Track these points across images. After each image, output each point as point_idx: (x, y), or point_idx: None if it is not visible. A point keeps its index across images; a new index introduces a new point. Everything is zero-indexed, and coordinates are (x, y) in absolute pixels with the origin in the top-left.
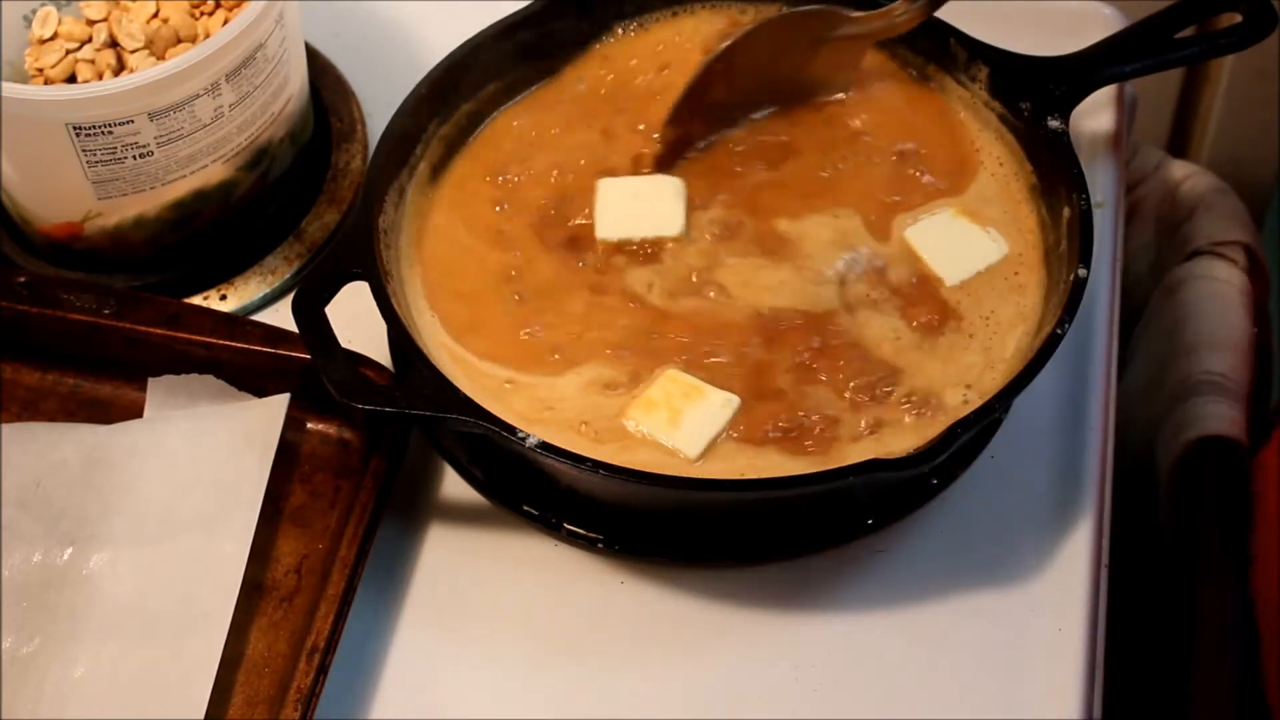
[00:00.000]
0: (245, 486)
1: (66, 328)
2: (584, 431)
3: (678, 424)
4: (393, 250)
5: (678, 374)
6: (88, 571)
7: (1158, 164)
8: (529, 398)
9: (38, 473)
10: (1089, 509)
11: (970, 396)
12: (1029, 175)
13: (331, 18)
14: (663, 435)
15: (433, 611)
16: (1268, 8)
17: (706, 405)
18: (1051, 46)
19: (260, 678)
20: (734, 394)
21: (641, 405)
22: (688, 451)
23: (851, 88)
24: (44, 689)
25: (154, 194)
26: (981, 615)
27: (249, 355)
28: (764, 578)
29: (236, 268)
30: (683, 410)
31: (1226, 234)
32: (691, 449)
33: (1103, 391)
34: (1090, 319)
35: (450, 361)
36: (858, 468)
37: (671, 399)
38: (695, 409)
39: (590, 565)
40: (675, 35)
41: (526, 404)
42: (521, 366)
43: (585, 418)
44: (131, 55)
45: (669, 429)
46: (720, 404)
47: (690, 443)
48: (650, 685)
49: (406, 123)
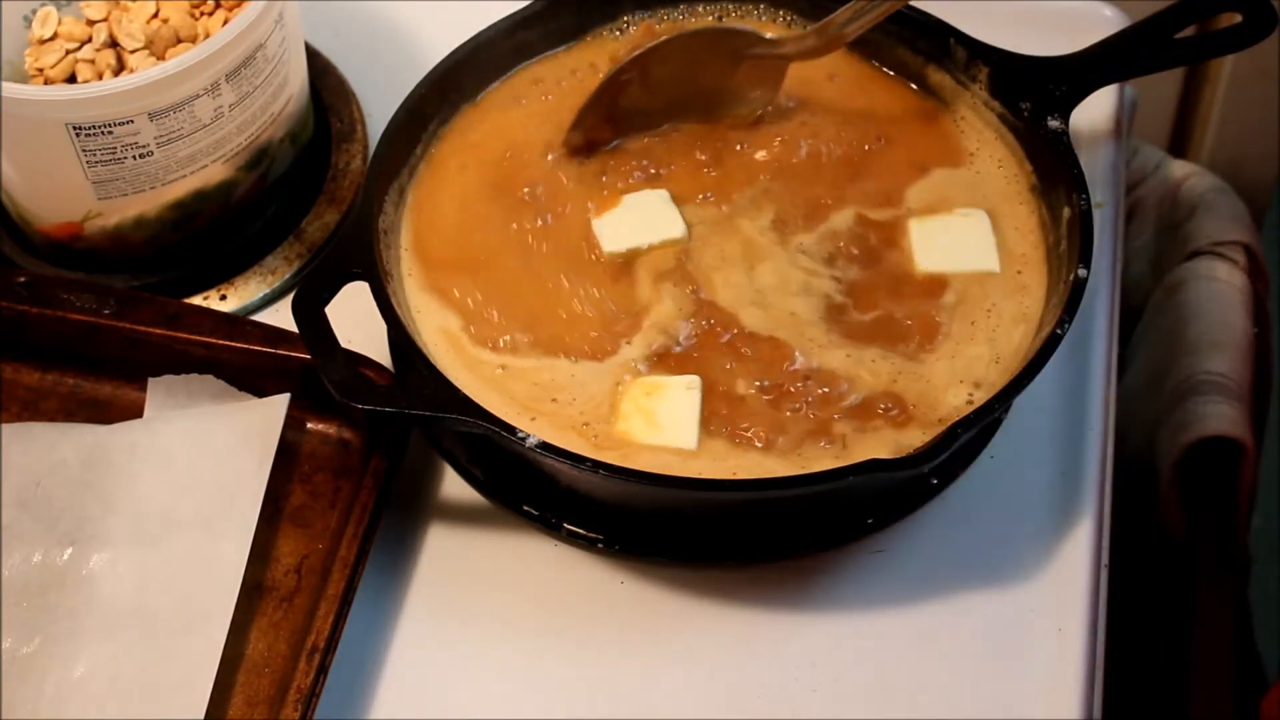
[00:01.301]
0: (245, 486)
1: (66, 328)
2: (585, 433)
3: (656, 423)
4: (393, 250)
5: (638, 381)
6: (88, 571)
7: (1158, 164)
8: (529, 383)
9: (38, 473)
10: (1089, 509)
11: (975, 395)
12: (1029, 175)
13: (331, 18)
14: (653, 438)
15: (433, 611)
16: (1268, 8)
17: (671, 395)
18: (1051, 46)
19: (260, 678)
20: (692, 375)
21: (622, 420)
22: (684, 444)
23: (771, 105)
24: (44, 689)
25: (154, 194)
26: (981, 615)
27: (249, 355)
28: (764, 578)
29: (236, 268)
30: (654, 410)
31: (1226, 234)
32: (685, 440)
33: (1103, 391)
34: (1090, 319)
35: (450, 350)
36: (858, 468)
37: (639, 403)
38: (664, 403)
39: (590, 565)
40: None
41: (527, 390)
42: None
43: (586, 419)
44: (131, 55)
45: (652, 430)
46: (685, 388)
47: (679, 436)
48: (650, 685)
49: (406, 123)
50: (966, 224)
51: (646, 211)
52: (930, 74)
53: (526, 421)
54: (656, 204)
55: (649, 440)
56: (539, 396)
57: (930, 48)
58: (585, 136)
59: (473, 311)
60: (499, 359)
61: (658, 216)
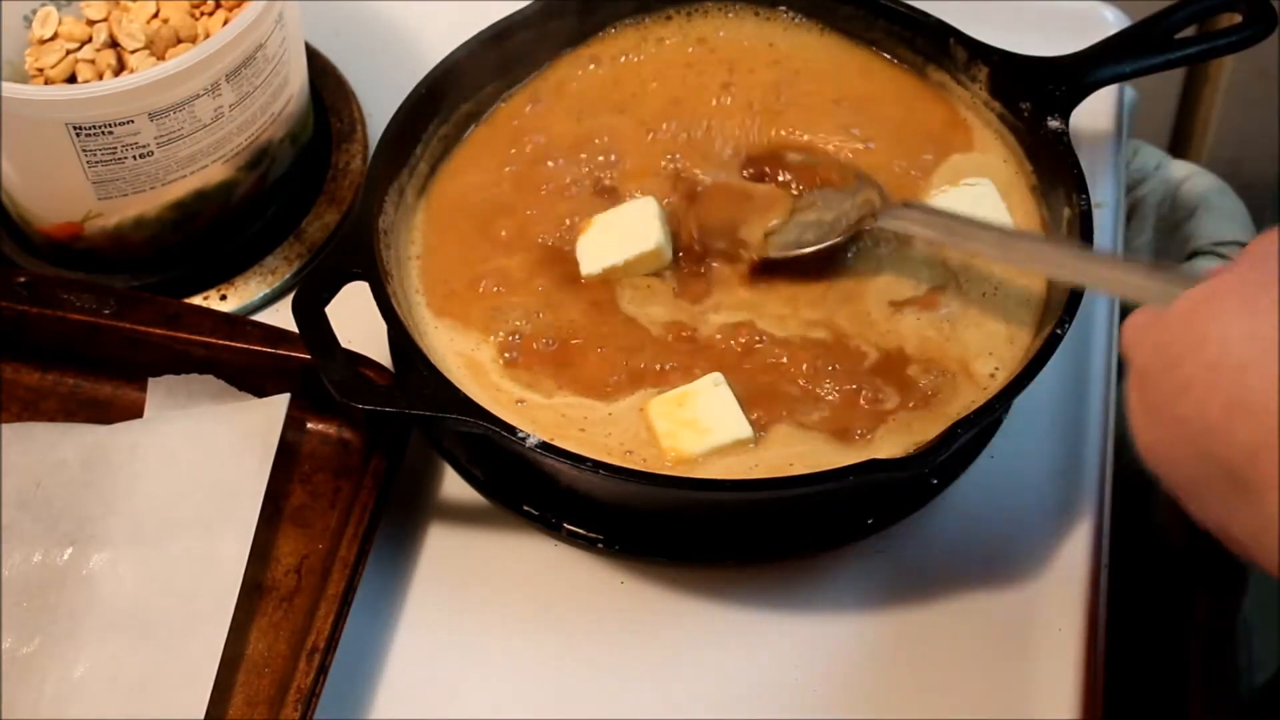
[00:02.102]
0: (245, 486)
1: (66, 328)
2: (631, 460)
3: (703, 428)
4: (393, 250)
5: (657, 400)
6: (88, 571)
7: (1158, 164)
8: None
9: (38, 473)
10: (1089, 509)
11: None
12: (1029, 175)
13: (331, 18)
14: (708, 442)
15: (433, 612)
16: (1268, 8)
17: (704, 397)
18: (1051, 46)
19: (260, 678)
20: (714, 371)
21: (666, 438)
22: (741, 435)
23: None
24: (44, 689)
25: (154, 194)
26: (981, 615)
27: (249, 355)
28: (764, 578)
29: (236, 268)
30: (695, 418)
31: (1226, 234)
32: (739, 432)
33: (1103, 391)
34: (1090, 319)
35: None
36: (858, 468)
37: (675, 419)
38: (700, 407)
39: (590, 565)
40: (671, 35)
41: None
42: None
43: (629, 447)
44: (131, 55)
45: (704, 436)
46: (712, 385)
47: (733, 429)
48: (650, 685)
49: (406, 123)
50: (977, 193)
51: (628, 224)
52: (930, 74)
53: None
54: (634, 215)
55: (705, 446)
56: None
57: (930, 47)
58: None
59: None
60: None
61: (634, 229)
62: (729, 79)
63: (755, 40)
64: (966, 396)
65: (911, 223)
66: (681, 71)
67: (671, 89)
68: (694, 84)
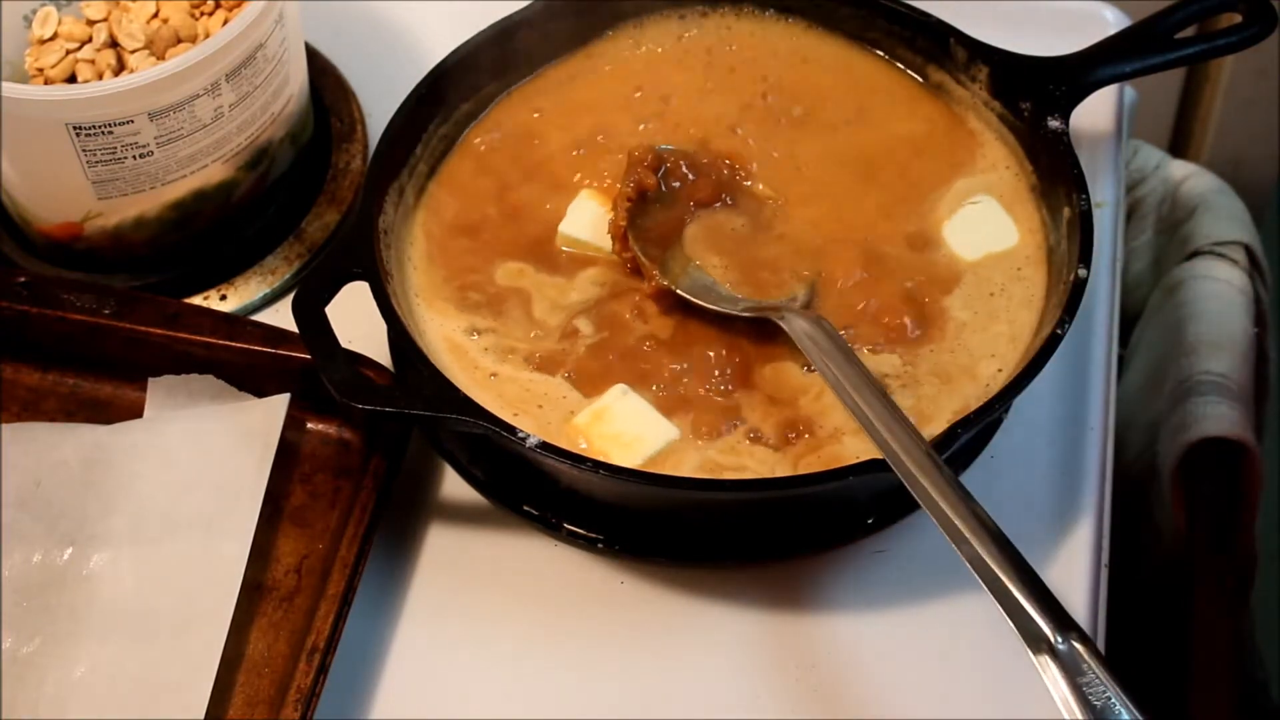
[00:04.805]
0: (245, 486)
1: (66, 328)
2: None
3: (629, 440)
4: (393, 250)
5: (578, 418)
6: (88, 571)
7: (1158, 164)
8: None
9: (38, 473)
10: (1089, 509)
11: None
12: (1029, 175)
13: (331, 18)
14: (641, 452)
15: (433, 612)
16: (1268, 8)
17: (618, 408)
18: (1051, 46)
19: (260, 678)
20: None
21: (601, 457)
22: (669, 437)
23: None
24: (44, 689)
25: (154, 194)
26: (981, 615)
27: (249, 355)
28: (764, 578)
29: (236, 268)
30: (618, 431)
31: (1226, 234)
32: (666, 435)
33: (1103, 391)
34: (1090, 319)
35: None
36: (858, 468)
37: (600, 433)
38: (619, 419)
39: (590, 565)
40: (669, 38)
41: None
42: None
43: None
44: (131, 55)
45: (634, 447)
46: (621, 395)
47: (659, 434)
48: (650, 685)
49: (406, 123)
50: (982, 211)
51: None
52: (930, 74)
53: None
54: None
55: (639, 456)
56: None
57: (930, 47)
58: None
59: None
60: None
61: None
62: (729, 80)
63: (756, 41)
64: (967, 396)
65: (801, 336)
66: (681, 73)
67: (670, 90)
68: (693, 85)
